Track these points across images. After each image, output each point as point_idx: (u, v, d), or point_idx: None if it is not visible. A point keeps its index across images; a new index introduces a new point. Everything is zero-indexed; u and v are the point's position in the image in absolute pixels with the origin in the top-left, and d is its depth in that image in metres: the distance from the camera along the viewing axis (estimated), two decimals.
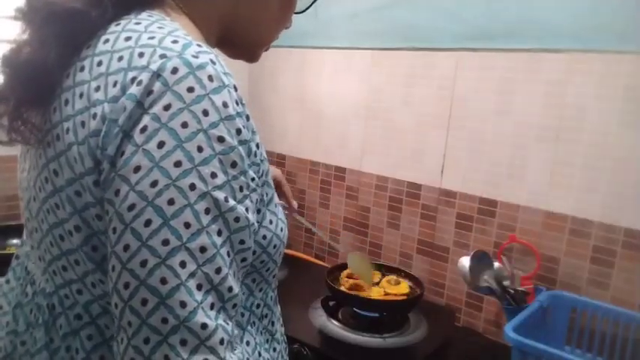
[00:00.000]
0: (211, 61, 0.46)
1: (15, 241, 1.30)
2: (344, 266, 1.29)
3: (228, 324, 0.45)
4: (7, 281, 0.62)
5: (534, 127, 1.16)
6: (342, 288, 1.20)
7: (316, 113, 1.60)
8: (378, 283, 1.24)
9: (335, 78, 1.54)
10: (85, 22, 0.49)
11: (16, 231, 0.57)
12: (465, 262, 1.13)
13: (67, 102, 0.48)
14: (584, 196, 1.11)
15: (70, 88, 0.48)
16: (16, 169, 0.60)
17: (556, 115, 1.13)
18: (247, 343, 0.58)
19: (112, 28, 0.50)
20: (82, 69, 0.48)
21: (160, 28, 0.49)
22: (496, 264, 1.15)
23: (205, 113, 0.44)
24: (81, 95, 0.47)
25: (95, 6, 0.49)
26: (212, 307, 0.44)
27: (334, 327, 1.15)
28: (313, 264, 1.58)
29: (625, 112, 1.04)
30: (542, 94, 1.14)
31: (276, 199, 0.59)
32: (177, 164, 0.43)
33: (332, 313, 1.20)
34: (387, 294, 1.20)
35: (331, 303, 1.21)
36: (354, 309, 1.20)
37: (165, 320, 0.42)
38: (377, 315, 1.19)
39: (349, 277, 1.25)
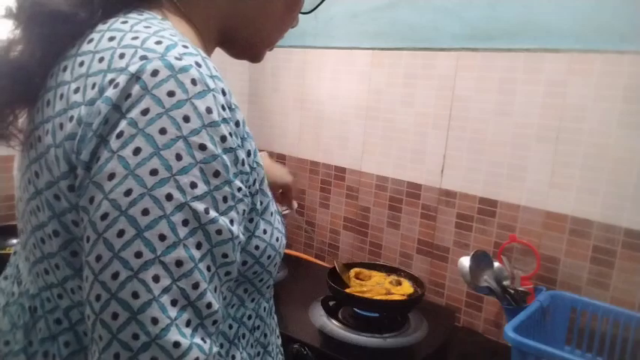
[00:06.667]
0: (196, 63, 0.44)
1: (15, 240, 1.30)
2: (345, 267, 1.30)
3: (206, 342, 0.43)
4: (5, 277, 0.62)
5: (534, 127, 1.16)
6: (350, 288, 1.20)
7: (316, 113, 1.60)
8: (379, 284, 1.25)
9: (335, 78, 1.54)
10: (71, 24, 0.48)
11: (16, 231, 0.57)
12: (465, 262, 1.13)
13: (48, 103, 0.47)
14: (584, 196, 1.11)
15: (52, 88, 0.47)
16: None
17: (556, 115, 1.13)
18: (233, 357, 0.56)
19: (99, 27, 0.48)
20: (65, 69, 0.47)
21: (146, 27, 0.46)
22: (496, 264, 1.15)
23: (186, 119, 0.42)
24: (61, 96, 0.46)
25: (83, 7, 0.48)
26: (188, 324, 0.42)
27: (334, 327, 1.15)
28: (313, 264, 1.58)
29: (625, 112, 1.04)
30: (542, 94, 1.14)
31: (272, 207, 0.56)
32: (154, 172, 0.41)
33: (332, 313, 1.20)
34: (389, 294, 1.20)
35: (331, 303, 1.21)
36: (354, 309, 1.20)
37: (136, 336, 0.40)
38: (377, 315, 1.19)
39: (357, 277, 1.26)
